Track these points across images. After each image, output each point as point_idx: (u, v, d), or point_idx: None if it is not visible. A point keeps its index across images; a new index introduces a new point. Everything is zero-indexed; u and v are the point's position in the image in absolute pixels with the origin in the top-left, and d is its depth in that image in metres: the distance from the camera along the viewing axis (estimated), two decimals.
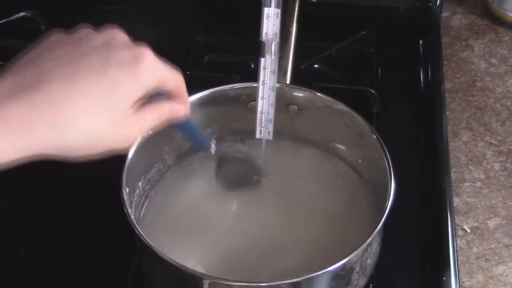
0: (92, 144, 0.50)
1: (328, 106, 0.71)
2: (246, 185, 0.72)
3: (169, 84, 0.55)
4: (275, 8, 0.65)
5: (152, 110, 0.54)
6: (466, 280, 0.70)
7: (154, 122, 0.55)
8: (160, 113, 0.55)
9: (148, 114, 0.54)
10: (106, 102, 0.49)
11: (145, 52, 0.52)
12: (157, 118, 0.55)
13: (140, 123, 0.53)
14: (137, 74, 0.51)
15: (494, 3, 1.00)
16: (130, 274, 0.68)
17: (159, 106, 0.55)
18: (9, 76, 0.48)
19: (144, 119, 0.53)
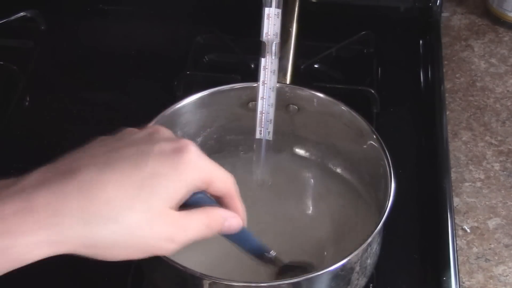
0: (127, 241, 0.44)
1: (328, 106, 0.71)
2: None
3: (217, 185, 0.49)
4: (275, 8, 0.65)
5: (200, 214, 0.48)
6: (466, 280, 0.70)
7: (201, 229, 0.48)
8: (210, 221, 0.49)
9: (195, 218, 0.48)
10: (142, 194, 0.44)
11: (189, 144, 0.47)
12: (206, 225, 0.48)
13: (185, 226, 0.47)
14: (179, 167, 0.46)
15: (494, 3, 1.00)
16: (130, 274, 0.68)
17: (210, 212, 0.49)
18: (43, 168, 0.46)
19: (190, 222, 0.47)
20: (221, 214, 0.50)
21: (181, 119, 0.71)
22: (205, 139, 0.75)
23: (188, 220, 0.47)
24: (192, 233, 0.48)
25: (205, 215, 0.48)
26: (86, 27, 1.00)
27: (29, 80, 0.90)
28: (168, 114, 0.69)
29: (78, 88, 0.90)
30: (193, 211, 0.48)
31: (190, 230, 0.47)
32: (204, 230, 0.48)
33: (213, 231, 0.49)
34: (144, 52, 0.96)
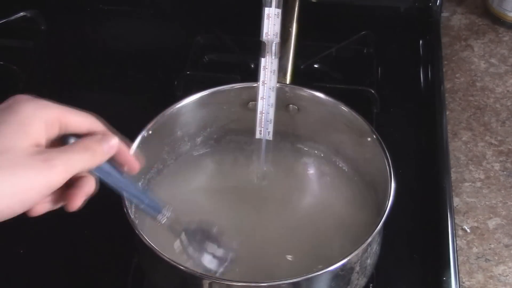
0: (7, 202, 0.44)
1: (328, 106, 0.71)
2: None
3: (72, 119, 0.50)
4: (275, 8, 0.65)
5: (77, 145, 0.49)
6: (466, 280, 0.70)
7: (83, 158, 0.48)
8: (87, 149, 0.49)
9: (71, 149, 0.48)
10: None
11: (18, 97, 0.48)
12: (86, 153, 0.49)
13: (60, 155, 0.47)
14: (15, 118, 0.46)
15: (494, 3, 1.00)
16: (130, 274, 0.68)
17: (86, 141, 0.49)
18: None
19: (67, 152, 0.47)
20: (98, 138, 0.50)
21: (181, 119, 0.71)
22: (205, 139, 0.75)
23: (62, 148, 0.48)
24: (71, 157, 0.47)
25: (81, 142, 0.49)
26: (86, 27, 1.00)
27: (29, 80, 0.90)
28: (168, 114, 0.69)
29: (78, 88, 0.90)
30: (69, 148, 0.48)
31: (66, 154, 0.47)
32: (86, 155, 0.48)
33: (98, 155, 0.49)
34: (144, 52, 0.96)
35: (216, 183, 0.74)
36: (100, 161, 0.50)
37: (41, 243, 0.73)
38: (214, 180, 0.74)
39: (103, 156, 0.51)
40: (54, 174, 0.46)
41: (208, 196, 0.73)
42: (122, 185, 0.55)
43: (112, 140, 0.51)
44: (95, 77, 0.92)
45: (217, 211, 0.71)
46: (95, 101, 0.89)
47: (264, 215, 0.71)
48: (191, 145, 0.75)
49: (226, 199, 0.72)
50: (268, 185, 0.73)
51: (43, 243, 0.73)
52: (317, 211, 0.71)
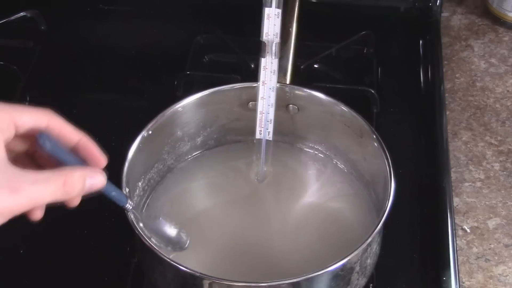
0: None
1: (328, 106, 0.71)
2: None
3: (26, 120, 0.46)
4: (275, 8, 0.65)
5: (53, 172, 0.44)
6: (466, 280, 0.70)
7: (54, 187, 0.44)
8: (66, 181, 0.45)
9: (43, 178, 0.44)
10: None
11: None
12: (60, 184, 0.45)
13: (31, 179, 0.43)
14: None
15: (494, 3, 1.00)
16: (130, 274, 0.68)
17: (64, 170, 0.45)
18: None
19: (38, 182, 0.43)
20: (81, 173, 0.46)
21: (181, 119, 0.71)
22: (205, 139, 0.75)
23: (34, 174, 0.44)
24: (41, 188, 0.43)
25: (59, 172, 0.45)
26: (86, 27, 1.00)
27: (29, 80, 0.90)
28: (168, 114, 0.69)
29: (78, 88, 0.91)
30: (44, 171, 0.44)
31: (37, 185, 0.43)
32: (60, 188, 0.44)
33: (74, 191, 0.46)
34: (144, 52, 0.96)
35: (216, 183, 0.74)
36: (76, 196, 0.46)
37: (41, 243, 0.73)
38: (214, 180, 0.74)
39: (81, 193, 0.47)
40: (19, 205, 0.43)
41: (208, 196, 0.73)
42: None
43: (99, 177, 0.47)
44: (95, 77, 0.92)
45: (217, 211, 0.71)
46: (95, 101, 0.89)
47: (264, 215, 0.71)
48: (191, 145, 0.75)
49: (226, 199, 0.72)
50: (268, 185, 0.73)
51: (43, 243, 0.73)
52: (317, 211, 0.71)
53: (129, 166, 0.63)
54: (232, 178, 0.74)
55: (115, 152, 0.65)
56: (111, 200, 0.56)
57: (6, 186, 0.42)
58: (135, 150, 0.65)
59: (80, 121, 0.86)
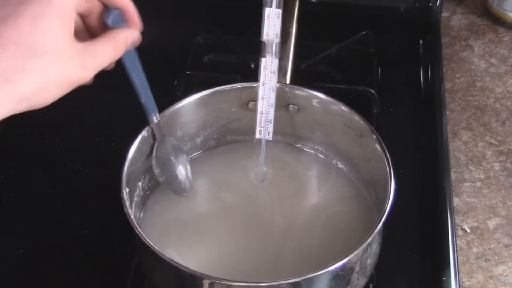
0: (49, 83, 0.48)
1: (328, 106, 0.71)
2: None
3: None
4: (276, 8, 0.65)
5: (105, 40, 0.53)
6: (466, 280, 0.70)
7: (110, 53, 0.53)
8: (115, 44, 0.53)
9: (101, 45, 0.52)
10: (37, 43, 0.47)
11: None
12: (113, 49, 0.53)
13: (92, 53, 0.51)
14: (53, 11, 0.48)
15: (494, 3, 1.00)
16: (130, 274, 0.68)
17: (114, 36, 0.53)
18: None
19: (97, 49, 0.52)
20: (124, 34, 0.54)
21: (181, 119, 0.71)
22: (205, 139, 0.75)
23: (94, 47, 0.51)
24: (102, 58, 0.52)
25: (109, 39, 0.53)
26: None
27: None
28: (168, 114, 0.69)
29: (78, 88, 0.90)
30: (97, 40, 0.52)
31: (99, 56, 0.52)
32: (112, 53, 0.53)
33: (122, 50, 0.54)
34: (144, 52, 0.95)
35: (216, 183, 0.74)
36: (123, 53, 0.55)
37: (41, 243, 0.73)
38: (214, 180, 0.74)
39: (126, 49, 0.55)
40: (86, 76, 0.51)
41: (208, 196, 0.73)
42: (136, 71, 0.62)
43: (136, 34, 0.56)
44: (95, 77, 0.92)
45: (216, 211, 0.71)
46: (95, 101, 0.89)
47: (263, 215, 0.71)
48: (191, 145, 0.75)
49: (226, 199, 0.72)
50: (267, 184, 0.73)
51: (43, 243, 0.73)
52: (317, 211, 0.71)
53: (129, 166, 0.63)
54: (232, 178, 0.74)
55: (115, 152, 0.65)
56: (141, 106, 0.65)
57: (78, 63, 0.50)
58: (135, 150, 0.65)
59: (80, 121, 0.87)
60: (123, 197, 0.60)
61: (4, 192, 0.78)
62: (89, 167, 0.80)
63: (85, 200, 0.76)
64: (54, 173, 0.80)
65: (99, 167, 0.79)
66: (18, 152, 0.83)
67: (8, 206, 0.77)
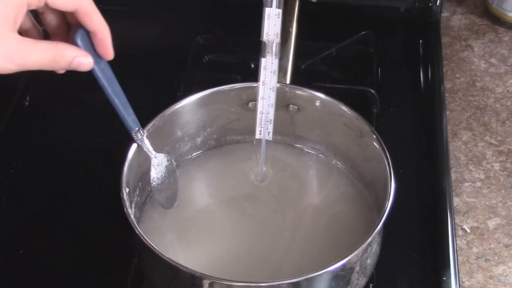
0: None
1: (328, 106, 0.71)
2: None
3: (57, 2, 0.51)
4: (276, 8, 0.65)
5: (48, 45, 0.50)
6: (466, 280, 0.70)
7: (45, 59, 0.50)
8: (56, 55, 0.51)
9: (40, 46, 0.50)
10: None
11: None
12: (51, 57, 0.50)
13: (25, 49, 0.49)
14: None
15: (494, 3, 1.00)
16: (130, 274, 0.68)
17: (59, 47, 0.51)
18: None
19: (32, 47, 0.49)
20: (72, 52, 0.52)
21: (181, 119, 0.71)
22: (205, 139, 0.75)
23: (30, 45, 0.49)
24: (33, 58, 0.49)
25: (52, 47, 0.51)
26: None
27: (29, 80, 0.90)
28: (168, 114, 0.69)
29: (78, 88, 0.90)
30: (41, 41, 0.50)
31: (30, 55, 0.49)
32: (48, 61, 0.50)
33: (60, 66, 0.51)
34: (144, 52, 0.96)
35: (216, 183, 0.74)
36: (61, 69, 0.53)
37: (41, 243, 0.73)
38: (214, 180, 0.74)
39: (65, 68, 0.53)
40: (6, 67, 0.48)
41: (208, 196, 0.73)
42: (113, 88, 0.59)
43: (86, 60, 0.53)
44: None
45: (216, 211, 0.71)
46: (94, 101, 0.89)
47: (263, 215, 0.71)
48: (191, 145, 0.75)
49: (226, 199, 0.72)
50: (267, 184, 0.73)
51: (43, 243, 0.73)
52: (317, 211, 0.71)
53: (129, 166, 0.63)
54: (232, 178, 0.74)
55: (115, 152, 0.65)
56: (122, 122, 0.62)
57: (3, 53, 0.48)
58: (135, 150, 0.65)
59: (80, 121, 0.87)
60: (123, 197, 0.60)
61: (4, 192, 0.78)
62: (89, 167, 0.80)
63: (85, 200, 0.76)
64: (54, 173, 0.80)
65: (99, 167, 0.79)
66: (18, 152, 0.83)
67: (8, 206, 0.77)
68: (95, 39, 0.54)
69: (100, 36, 0.54)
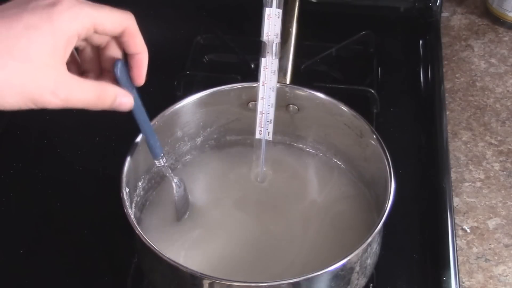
0: (11, 89, 0.46)
1: (328, 106, 0.71)
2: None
3: (106, 26, 0.50)
4: (276, 8, 0.65)
5: (93, 84, 0.51)
6: (466, 280, 0.70)
7: (90, 97, 0.50)
8: (100, 93, 0.51)
9: (86, 84, 0.50)
10: (20, 45, 0.46)
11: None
12: (96, 96, 0.50)
13: (72, 85, 0.49)
14: (52, 18, 0.47)
15: (494, 3, 1.00)
16: (130, 274, 0.68)
17: (103, 86, 0.51)
18: None
19: (78, 85, 0.49)
20: (114, 92, 0.52)
21: (181, 119, 0.71)
22: (205, 139, 0.75)
23: (77, 82, 0.49)
24: (79, 96, 0.49)
25: (97, 86, 0.51)
26: None
27: None
28: (168, 114, 0.69)
29: None
30: (87, 80, 0.51)
31: (76, 93, 0.49)
32: (93, 99, 0.50)
33: (104, 105, 0.52)
34: None
35: (216, 184, 0.74)
36: (104, 108, 0.52)
37: (41, 243, 0.73)
38: (214, 180, 0.74)
39: (108, 108, 0.52)
40: (52, 102, 0.48)
41: (208, 196, 0.73)
42: (142, 118, 0.59)
43: (127, 99, 0.53)
44: None
45: (216, 211, 0.71)
46: None
47: (263, 215, 0.71)
48: (191, 145, 0.75)
49: (226, 199, 0.72)
50: (268, 185, 0.73)
51: (43, 243, 0.73)
52: (317, 211, 0.71)
53: (129, 166, 0.63)
54: (232, 178, 0.74)
55: (115, 152, 0.65)
56: (149, 148, 0.62)
57: (49, 86, 0.47)
58: (135, 150, 0.65)
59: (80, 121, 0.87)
60: (123, 197, 0.60)
61: (4, 192, 0.78)
62: (89, 167, 0.80)
63: (85, 200, 0.76)
64: (54, 173, 0.80)
65: (99, 167, 0.79)
66: (18, 152, 0.83)
67: (8, 206, 0.77)
68: (133, 61, 0.54)
69: (139, 59, 0.54)
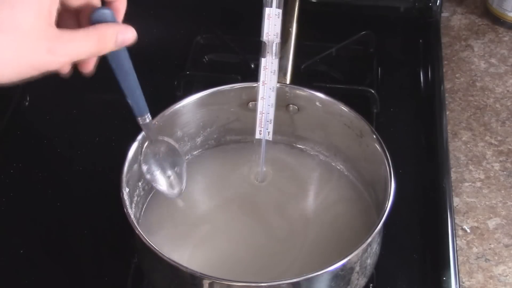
0: (12, 60, 0.46)
1: (328, 106, 0.71)
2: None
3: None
4: (276, 8, 0.65)
5: (88, 30, 0.48)
6: (466, 280, 0.70)
7: (90, 43, 0.48)
8: (100, 35, 0.49)
9: (81, 33, 0.48)
10: (2, 18, 0.44)
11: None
12: (96, 40, 0.48)
13: (66, 38, 0.47)
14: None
15: (494, 3, 1.00)
16: (130, 274, 0.68)
17: (101, 27, 0.49)
18: None
19: (74, 35, 0.48)
20: (114, 30, 0.50)
21: (181, 119, 0.71)
22: (205, 139, 0.75)
23: (70, 34, 0.48)
24: (77, 46, 0.48)
25: (93, 31, 0.49)
26: None
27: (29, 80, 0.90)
28: (168, 114, 0.69)
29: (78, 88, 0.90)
30: (79, 29, 0.48)
31: (73, 43, 0.47)
32: (94, 45, 0.49)
33: (107, 47, 0.50)
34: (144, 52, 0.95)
35: (216, 184, 0.74)
36: (109, 51, 0.51)
37: (41, 243, 0.73)
38: (214, 180, 0.74)
39: (113, 48, 0.51)
40: (52, 61, 0.47)
41: (208, 196, 0.73)
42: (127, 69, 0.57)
43: (129, 33, 0.51)
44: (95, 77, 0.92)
45: (216, 211, 0.71)
46: (95, 101, 0.89)
47: (263, 215, 0.71)
48: (191, 145, 0.75)
49: (226, 199, 0.72)
50: (267, 185, 0.73)
51: (43, 243, 0.73)
52: (316, 211, 0.71)
53: (129, 166, 0.63)
54: (232, 179, 0.74)
55: (115, 152, 0.65)
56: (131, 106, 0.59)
57: (43, 46, 0.46)
58: (135, 150, 0.65)
59: (80, 121, 0.87)
60: (123, 197, 0.60)
61: (4, 192, 0.78)
62: (89, 167, 0.80)
63: (85, 200, 0.76)
64: (54, 173, 0.80)
65: (99, 167, 0.79)
66: (18, 152, 0.83)
67: (8, 206, 0.77)
68: (112, 8, 0.52)
69: (117, 5, 0.53)
